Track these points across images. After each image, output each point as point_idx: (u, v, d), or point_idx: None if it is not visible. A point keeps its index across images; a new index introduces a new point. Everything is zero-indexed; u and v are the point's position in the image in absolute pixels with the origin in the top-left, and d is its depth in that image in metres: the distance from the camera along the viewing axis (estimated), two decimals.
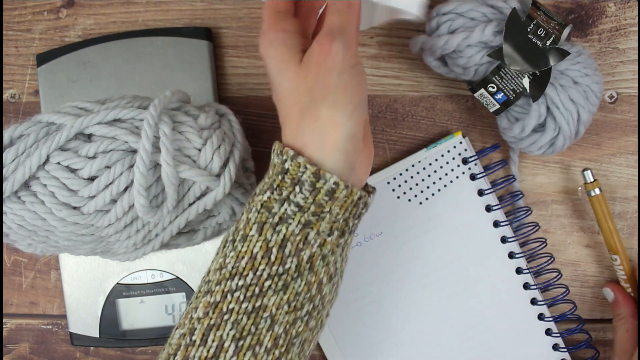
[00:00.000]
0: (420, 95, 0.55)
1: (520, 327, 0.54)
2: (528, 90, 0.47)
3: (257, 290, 0.38)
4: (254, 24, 0.55)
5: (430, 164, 0.53)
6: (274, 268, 0.38)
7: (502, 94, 0.48)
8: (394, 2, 0.48)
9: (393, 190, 0.54)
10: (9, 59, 0.56)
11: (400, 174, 0.54)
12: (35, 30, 0.55)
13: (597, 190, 0.52)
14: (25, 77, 0.56)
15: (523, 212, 0.54)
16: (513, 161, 0.54)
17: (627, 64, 0.53)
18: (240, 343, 0.38)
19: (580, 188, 0.53)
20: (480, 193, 0.53)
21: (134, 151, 0.43)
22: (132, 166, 0.43)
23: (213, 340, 0.38)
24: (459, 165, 0.53)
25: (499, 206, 0.53)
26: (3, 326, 0.58)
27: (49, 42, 0.55)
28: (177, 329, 0.40)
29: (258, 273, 0.38)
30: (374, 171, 0.54)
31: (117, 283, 0.54)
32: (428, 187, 0.54)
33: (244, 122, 0.53)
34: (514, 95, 0.48)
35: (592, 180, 0.52)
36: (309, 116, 0.38)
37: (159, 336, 0.54)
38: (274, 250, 0.39)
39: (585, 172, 0.52)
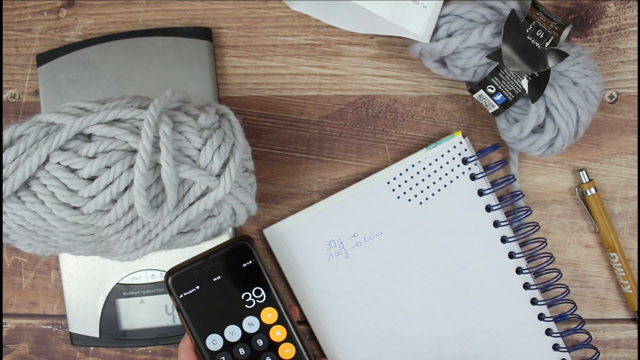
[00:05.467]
0: (420, 95, 0.55)
1: (520, 327, 0.54)
2: (527, 92, 0.47)
3: None
4: (254, 24, 0.55)
5: (430, 164, 0.53)
6: None
7: (500, 95, 0.48)
8: (399, 21, 0.48)
9: (393, 190, 0.54)
10: (9, 59, 0.56)
11: (400, 174, 0.54)
12: (35, 30, 0.55)
13: (592, 190, 0.53)
14: (25, 77, 0.56)
15: (523, 212, 0.54)
16: (513, 161, 0.54)
17: (627, 64, 0.53)
18: None
19: (577, 189, 0.54)
20: (480, 193, 0.53)
21: (134, 151, 0.43)
22: (132, 166, 0.43)
23: None
24: (459, 165, 0.53)
25: (499, 206, 0.53)
26: (3, 326, 0.58)
27: (49, 42, 0.55)
28: None
29: None
30: (374, 171, 0.54)
31: (117, 283, 0.54)
32: (428, 187, 0.54)
33: (244, 122, 0.53)
34: (512, 96, 0.48)
35: (587, 180, 0.54)
36: None
37: (159, 336, 0.54)
38: None
39: (580, 173, 0.53)
